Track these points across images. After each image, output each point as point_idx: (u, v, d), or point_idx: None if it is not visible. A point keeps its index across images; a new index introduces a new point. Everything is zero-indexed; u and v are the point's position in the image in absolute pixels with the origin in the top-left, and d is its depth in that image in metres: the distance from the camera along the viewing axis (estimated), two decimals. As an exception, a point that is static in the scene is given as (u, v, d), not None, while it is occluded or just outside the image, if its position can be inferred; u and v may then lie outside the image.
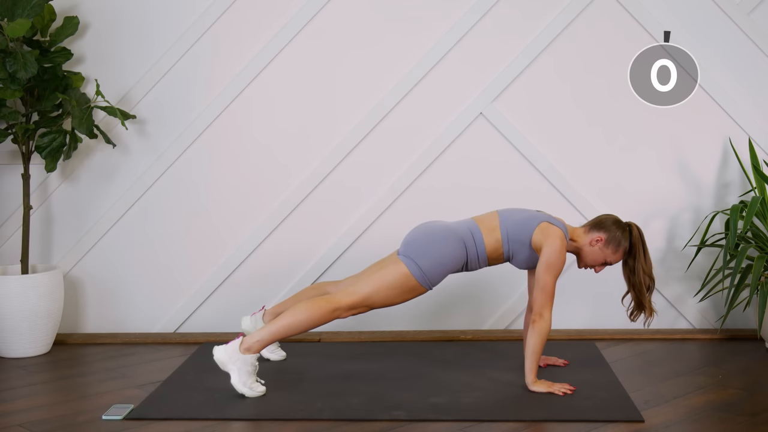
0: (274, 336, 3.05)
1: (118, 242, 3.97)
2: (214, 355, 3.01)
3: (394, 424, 2.78)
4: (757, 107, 3.94)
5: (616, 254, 3.19)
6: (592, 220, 3.25)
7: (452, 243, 3.14)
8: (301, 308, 3.07)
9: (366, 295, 3.09)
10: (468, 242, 3.17)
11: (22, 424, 2.83)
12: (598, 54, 3.92)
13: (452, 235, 3.16)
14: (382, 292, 3.10)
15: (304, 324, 3.06)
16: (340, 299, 3.08)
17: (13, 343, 3.65)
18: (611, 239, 3.17)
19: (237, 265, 3.95)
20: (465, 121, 3.92)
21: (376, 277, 3.12)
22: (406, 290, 3.12)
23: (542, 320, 3.05)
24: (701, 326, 3.97)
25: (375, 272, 3.15)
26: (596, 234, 3.18)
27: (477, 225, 3.21)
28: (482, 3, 3.88)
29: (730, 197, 3.96)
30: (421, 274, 3.10)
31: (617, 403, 2.95)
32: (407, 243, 3.17)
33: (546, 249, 3.09)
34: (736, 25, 3.90)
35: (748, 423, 2.78)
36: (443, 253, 3.12)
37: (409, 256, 3.12)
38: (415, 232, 3.20)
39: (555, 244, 3.09)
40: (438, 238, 3.14)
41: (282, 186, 3.95)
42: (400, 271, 3.10)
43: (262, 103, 3.93)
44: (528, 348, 3.06)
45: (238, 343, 3.01)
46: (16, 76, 3.51)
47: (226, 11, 3.89)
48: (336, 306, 3.07)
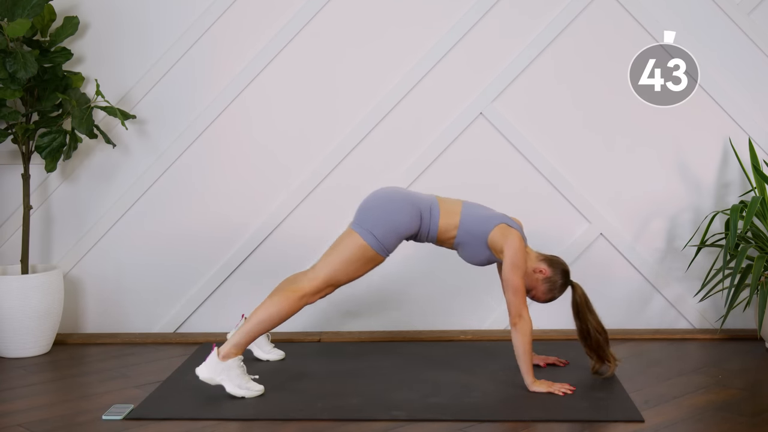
0: (249, 336, 3.05)
1: (118, 242, 3.97)
2: (199, 375, 3.01)
3: (394, 424, 2.78)
4: (757, 107, 3.94)
5: (544, 294, 3.21)
6: (548, 255, 3.24)
7: (407, 212, 3.14)
8: (268, 303, 3.08)
9: (328, 276, 3.09)
10: (424, 215, 3.17)
11: (22, 424, 2.83)
12: (598, 54, 3.92)
13: (409, 205, 3.15)
14: (342, 269, 3.10)
15: (275, 318, 3.07)
16: (304, 286, 3.09)
17: (13, 343, 3.65)
18: (551, 280, 3.18)
19: (237, 265, 3.95)
20: (465, 121, 3.92)
21: (335, 257, 3.11)
22: (366, 261, 3.11)
23: (522, 321, 3.06)
24: (701, 326, 3.97)
25: (333, 251, 3.14)
26: (543, 266, 3.18)
27: (438, 204, 3.21)
28: (482, 3, 3.88)
29: (730, 197, 3.96)
30: (377, 243, 3.09)
31: (617, 403, 2.95)
32: (361, 212, 3.16)
33: (508, 250, 3.10)
34: (736, 25, 3.90)
35: (748, 423, 2.78)
36: (397, 220, 3.12)
37: (364, 226, 3.11)
38: (369, 201, 3.19)
39: (515, 244, 3.10)
40: (393, 206, 3.14)
41: (282, 186, 3.95)
42: (356, 243, 3.09)
43: (262, 104, 3.93)
44: (518, 351, 3.06)
45: (215, 354, 3.01)
46: (16, 76, 3.51)
47: (226, 11, 3.89)
48: (301, 294, 3.08)
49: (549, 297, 3.22)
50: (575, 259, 3.93)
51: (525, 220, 3.89)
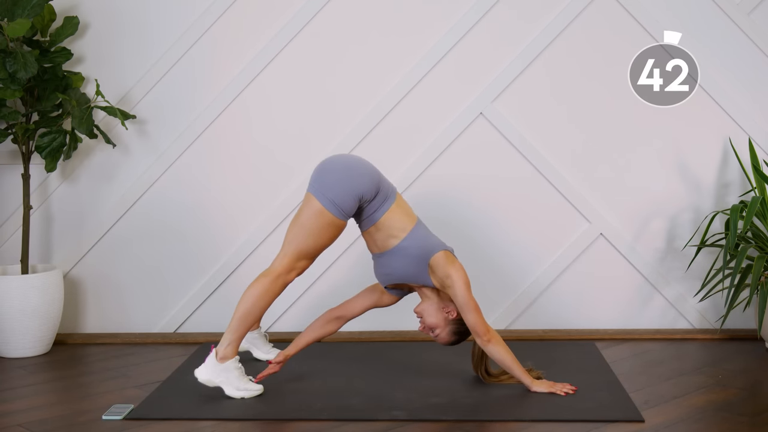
0: (239, 330, 3.04)
1: (118, 242, 3.97)
2: (198, 377, 3.01)
3: (394, 424, 2.78)
4: (757, 107, 3.94)
5: (449, 336, 3.16)
6: None
7: (366, 179, 3.06)
8: (247, 294, 3.05)
9: (295, 251, 3.05)
10: (381, 192, 3.10)
11: (22, 424, 2.83)
12: (599, 54, 3.91)
13: (369, 173, 3.08)
14: (308, 239, 3.04)
15: (257, 305, 3.04)
16: (276, 267, 3.05)
17: (13, 343, 3.65)
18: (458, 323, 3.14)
19: (237, 265, 3.95)
20: (465, 121, 3.92)
21: (297, 229, 3.06)
22: (327, 226, 3.03)
23: (493, 335, 3.04)
24: (701, 326, 3.97)
25: (294, 226, 3.08)
26: (452, 307, 3.13)
27: (396, 195, 3.15)
28: (482, 3, 3.88)
29: (730, 197, 3.96)
30: (334, 207, 3.02)
31: (617, 403, 2.95)
32: (318, 176, 3.08)
33: (456, 273, 3.03)
34: (736, 25, 3.90)
35: (748, 423, 2.78)
36: (354, 183, 3.04)
37: (321, 191, 3.03)
38: (326, 164, 3.11)
39: (460, 269, 3.05)
40: (350, 170, 3.06)
41: (282, 186, 3.95)
42: (314, 209, 3.02)
43: (262, 104, 3.93)
44: (504, 362, 3.05)
45: (213, 356, 3.01)
46: (16, 76, 3.51)
47: (226, 11, 3.89)
48: (277, 274, 3.04)
49: (452, 340, 3.18)
50: (575, 259, 3.93)
51: (525, 220, 3.90)
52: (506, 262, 3.94)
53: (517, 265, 3.95)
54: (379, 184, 3.10)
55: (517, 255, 3.95)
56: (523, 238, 3.95)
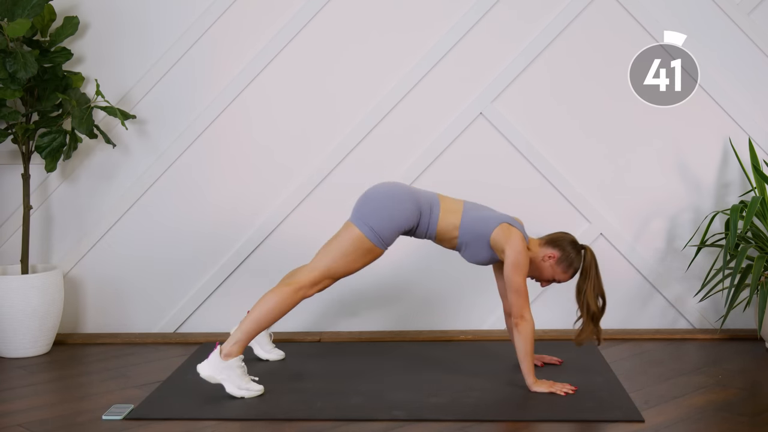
0: (249, 333, 3.05)
1: (118, 242, 3.97)
2: (200, 372, 3.01)
3: (394, 424, 2.78)
4: (757, 107, 3.94)
5: (565, 274, 3.20)
6: (549, 235, 3.23)
7: (407, 206, 3.12)
8: (266, 298, 3.07)
9: (325, 268, 3.08)
10: (424, 212, 3.16)
11: (22, 424, 2.83)
12: (599, 54, 3.91)
13: (409, 199, 3.14)
14: (340, 260, 3.08)
15: (273, 312, 3.05)
16: (300, 279, 3.08)
17: (13, 343, 3.65)
18: (563, 258, 3.17)
19: (237, 265, 3.95)
20: (465, 121, 3.92)
21: (332, 248, 3.11)
22: (363, 253, 3.09)
23: (525, 322, 3.05)
24: (701, 326, 3.97)
25: (330, 244, 3.13)
26: (550, 250, 3.18)
27: (439, 202, 3.20)
28: (482, 3, 3.88)
29: (730, 197, 3.96)
30: (374, 235, 3.07)
31: (617, 403, 2.95)
32: (359, 205, 3.15)
33: (510, 251, 3.08)
34: (736, 25, 3.90)
35: (748, 423, 2.78)
36: (396, 213, 3.10)
37: (362, 218, 3.10)
38: (368, 194, 3.17)
39: (517, 245, 3.08)
40: (392, 199, 3.12)
41: (282, 186, 3.95)
42: (353, 235, 3.08)
43: (262, 104, 3.93)
44: (520, 352, 3.06)
45: (218, 352, 3.01)
46: (16, 76, 3.51)
47: (226, 11, 3.89)
48: (299, 286, 3.06)
49: (570, 274, 3.20)
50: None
51: (525, 220, 3.89)
52: (506, 262, 3.95)
53: (517, 265, 3.95)
54: (419, 208, 3.15)
55: (517, 255, 3.95)
56: (523, 238, 3.95)
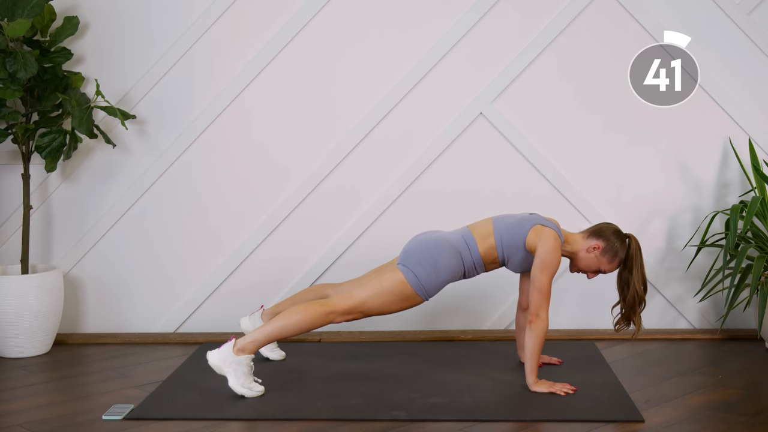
0: (268, 337, 3.05)
1: (118, 242, 3.97)
2: (209, 360, 3.01)
3: (394, 424, 2.78)
4: (757, 107, 3.94)
5: (611, 264, 3.20)
6: (592, 227, 3.25)
7: (448, 253, 3.15)
8: (296, 311, 3.07)
9: (362, 301, 3.09)
10: (463, 251, 3.18)
11: (22, 424, 2.83)
12: (598, 54, 3.92)
13: (448, 245, 3.16)
14: (378, 298, 3.10)
15: (299, 327, 3.05)
16: (335, 303, 3.08)
17: (13, 343, 3.65)
18: (609, 248, 3.18)
19: (237, 266, 3.95)
20: (465, 122, 3.92)
21: (374, 283, 3.12)
22: (403, 298, 3.12)
23: (539, 320, 3.05)
24: (701, 326, 3.97)
25: (373, 278, 3.16)
26: (594, 241, 3.19)
27: (471, 232, 3.22)
28: (482, 3, 3.88)
29: (730, 197, 3.96)
30: (417, 283, 3.11)
31: (617, 403, 2.95)
32: (405, 252, 3.18)
33: (540, 249, 3.10)
34: (736, 25, 3.90)
35: (748, 423, 2.78)
36: (440, 263, 3.13)
37: (407, 265, 3.13)
38: (413, 242, 3.21)
39: (549, 244, 3.09)
40: (434, 248, 3.14)
41: (281, 187, 3.95)
42: (397, 278, 3.11)
43: (261, 104, 3.93)
44: (527, 350, 3.06)
45: (231, 345, 3.00)
46: (16, 76, 3.51)
47: (226, 11, 3.89)
48: (331, 310, 3.07)
49: (617, 263, 3.20)
50: (575, 259, 3.92)
51: (525, 220, 3.89)
52: (506, 262, 3.95)
53: (517, 265, 3.95)
54: (459, 252, 3.17)
55: (517, 255, 3.95)
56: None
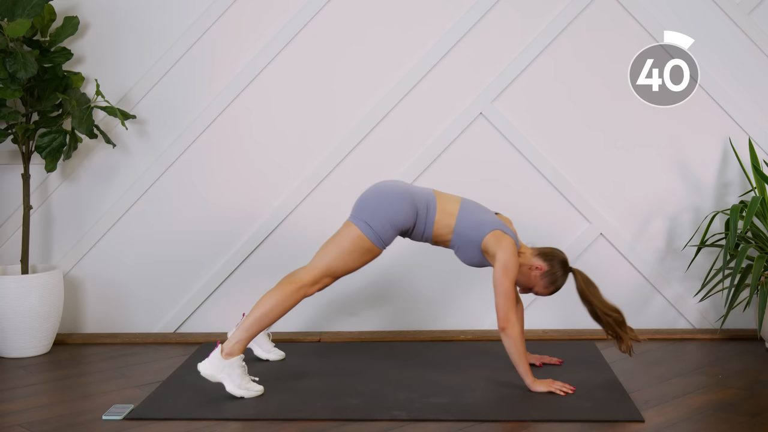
0: (251, 332, 3.05)
1: (118, 242, 3.97)
2: (201, 371, 3.01)
3: (394, 424, 2.78)
4: (757, 107, 3.94)
5: (546, 289, 3.22)
6: (544, 248, 3.24)
7: (405, 206, 3.16)
8: (267, 297, 3.09)
9: (326, 266, 3.12)
10: (420, 212, 3.19)
11: (22, 424, 2.83)
12: (598, 54, 3.92)
13: (407, 198, 3.17)
14: (340, 259, 3.12)
15: (275, 310, 3.07)
16: (301, 277, 3.11)
17: (13, 343, 3.65)
18: (549, 274, 3.19)
19: (237, 265, 3.95)
20: (465, 121, 3.92)
21: (332, 247, 3.14)
22: (363, 252, 3.13)
23: (510, 324, 3.06)
24: (701, 326, 3.97)
25: (330, 243, 3.17)
26: (540, 262, 3.19)
27: (435, 202, 3.22)
28: (482, 3, 3.88)
29: (730, 197, 3.96)
30: (374, 234, 3.11)
31: (617, 403, 2.95)
32: (358, 204, 3.19)
33: (501, 254, 3.11)
34: (736, 25, 3.90)
35: (748, 423, 2.78)
36: (394, 212, 3.14)
37: (361, 217, 3.14)
38: (367, 194, 3.21)
39: (509, 249, 3.12)
40: (390, 198, 3.15)
41: (282, 186, 3.95)
42: (353, 234, 3.12)
43: (262, 104, 3.93)
44: (512, 355, 3.06)
45: (219, 351, 3.01)
46: (16, 76, 3.51)
47: (226, 11, 3.89)
48: (300, 284, 3.09)
49: (551, 290, 3.22)
50: (575, 259, 3.92)
51: (525, 220, 3.90)
52: (506, 262, 3.94)
53: (517, 265, 3.95)
54: (416, 209, 3.18)
55: (517, 255, 3.95)
56: (523, 238, 3.94)
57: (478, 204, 3.30)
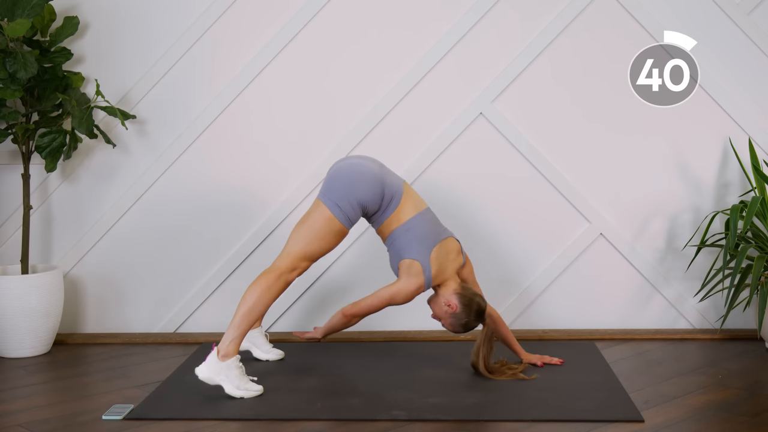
0: (241, 328, 3.06)
1: (118, 242, 3.97)
2: (199, 375, 3.02)
3: (394, 424, 2.78)
4: (757, 107, 3.94)
5: (452, 327, 3.26)
6: (466, 291, 3.25)
7: (375, 191, 3.19)
8: (250, 290, 3.10)
9: (301, 251, 3.13)
10: (384, 202, 3.22)
11: (22, 424, 2.83)
12: (598, 54, 3.91)
13: (379, 184, 3.20)
14: (314, 243, 3.14)
15: (261, 302, 3.08)
16: (279, 265, 3.13)
17: (13, 343, 3.65)
18: (459, 317, 3.23)
19: (237, 265, 3.95)
20: (465, 121, 3.92)
21: (304, 230, 3.16)
22: (335, 233, 3.16)
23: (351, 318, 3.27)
24: (701, 326, 3.97)
25: (302, 227, 3.18)
26: (456, 301, 3.22)
27: (400, 197, 3.25)
28: (482, 3, 3.88)
29: (730, 197, 3.96)
30: (343, 215, 3.14)
31: (617, 403, 2.95)
32: (329, 182, 3.20)
33: (401, 284, 3.21)
34: (736, 25, 3.90)
35: (748, 423, 2.78)
36: (362, 195, 3.16)
37: (331, 198, 3.15)
38: (339, 171, 3.23)
39: (410, 287, 3.20)
40: (362, 180, 3.17)
41: (282, 186, 3.95)
42: (324, 216, 3.14)
43: (262, 104, 3.93)
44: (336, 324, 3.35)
45: (215, 354, 3.02)
46: (16, 76, 3.51)
47: (226, 11, 3.89)
48: (279, 272, 3.11)
49: (457, 330, 3.28)
50: (575, 259, 3.93)
51: (526, 220, 3.91)
52: (506, 263, 3.94)
53: (517, 265, 3.95)
54: (383, 188, 3.20)
55: (517, 255, 3.95)
56: (523, 239, 3.95)
57: (435, 221, 3.32)
